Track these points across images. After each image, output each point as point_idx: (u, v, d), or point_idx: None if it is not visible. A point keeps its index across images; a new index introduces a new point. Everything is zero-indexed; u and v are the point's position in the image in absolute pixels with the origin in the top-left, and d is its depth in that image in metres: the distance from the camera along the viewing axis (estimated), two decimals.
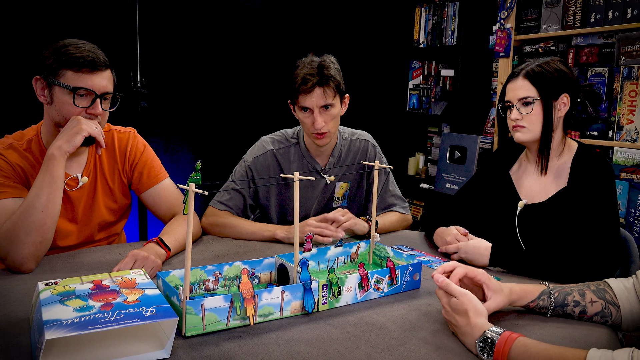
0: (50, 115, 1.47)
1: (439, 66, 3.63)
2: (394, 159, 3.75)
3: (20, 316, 1.06)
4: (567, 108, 1.58)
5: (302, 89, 1.66)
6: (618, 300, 1.14)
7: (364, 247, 1.48)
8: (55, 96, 1.43)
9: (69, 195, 1.53)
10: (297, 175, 1.15)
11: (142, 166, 1.65)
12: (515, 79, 1.59)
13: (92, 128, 1.41)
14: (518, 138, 1.60)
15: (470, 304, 1.02)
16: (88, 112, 1.44)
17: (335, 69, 1.70)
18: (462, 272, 1.13)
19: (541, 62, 1.58)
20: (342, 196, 1.92)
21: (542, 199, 1.58)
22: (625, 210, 2.43)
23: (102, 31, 2.74)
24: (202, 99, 3.18)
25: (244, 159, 1.85)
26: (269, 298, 1.09)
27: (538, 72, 1.56)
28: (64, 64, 1.41)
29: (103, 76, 1.44)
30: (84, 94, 1.43)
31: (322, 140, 1.74)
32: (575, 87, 1.58)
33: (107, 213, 1.62)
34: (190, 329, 1.01)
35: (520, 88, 1.57)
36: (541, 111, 1.55)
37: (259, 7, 3.28)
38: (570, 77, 1.58)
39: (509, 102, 1.60)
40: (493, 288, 1.10)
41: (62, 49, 1.42)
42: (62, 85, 1.40)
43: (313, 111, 1.69)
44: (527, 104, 1.56)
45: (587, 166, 1.54)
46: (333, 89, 1.68)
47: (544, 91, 1.55)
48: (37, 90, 1.46)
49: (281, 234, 1.65)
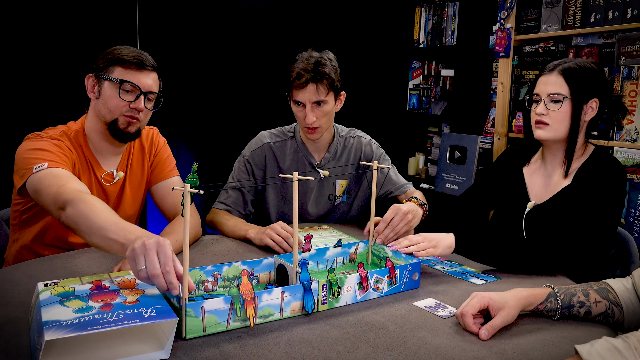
0: (96, 109, 1.56)
1: (439, 66, 3.63)
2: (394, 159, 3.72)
3: (20, 316, 1.06)
4: (595, 114, 1.54)
5: (295, 83, 1.70)
6: (620, 300, 1.14)
7: (363, 247, 1.48)
8: (103, 90, 1.53)
9: (105, 189, 1.62)
10: (297, 175, 1.15)
11: (158, 160, 1.74)
12: (549, 73, 1.55)
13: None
14: (539, 135, 1.56)
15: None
16: (131, 107, 1.52)
17: (332, 67, 1.72)
18: (475, 309, 1.11)
19: (579, 61, 1.54)
20: (342, 193, 1.94)
21: (548, 198, 1.58)
22: (625, 210, 2.43)
23: (102, 31, 2.75)
24: (202, 98, 3.18)
25: (243, 153, 1.89)
26: (269, 299, 1.09)
27: (574, 70, 1.51)
28: (115, 61, 1.52)
29: (149, 76, 1.55)
30: (130, 90, 1.52)
31: (313, 135, 1.77)
32: (607, 94, 1.54)
33: (130, 208, 1.70)
34: (190, 331, 1.01)
35: (553, 83, 1.52)
36: (569, 111, 1.51)
37: (259, 7, 3.28)
38: (604, 83, 1.54)
39: (537, 95, 1.56)
40: (496, 307, 1.09)
41: (115, 50, 1.55)
42: (111, 79, 1.51)
43: (306, 106, 1.71)
44: (556, 101, 1.52)
45: (596, 166, 1.52)
46: (327, 86, 1.70)
47: (576, 91, 1.50)
48: (88, 87, 1.57)
49: (252, 234, 1.63)
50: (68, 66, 2.67)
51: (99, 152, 1.61)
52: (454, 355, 0.99)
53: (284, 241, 1.51)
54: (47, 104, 2.65)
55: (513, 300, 1.11)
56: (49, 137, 1.51)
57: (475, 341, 1.04)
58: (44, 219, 1.56)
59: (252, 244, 1.63)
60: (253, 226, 1.68)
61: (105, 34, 2.74)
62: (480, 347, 1.02)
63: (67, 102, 2.54)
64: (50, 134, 1.52)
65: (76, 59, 2.67)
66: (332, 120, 1.82)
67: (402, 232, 1.49)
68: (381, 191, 1.94)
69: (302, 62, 1.71)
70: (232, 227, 1.72)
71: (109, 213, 1.22)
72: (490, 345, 1.03)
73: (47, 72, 2.66)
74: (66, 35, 2.68)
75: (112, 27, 2.79)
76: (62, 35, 2.68)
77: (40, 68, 2.64)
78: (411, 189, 1.94)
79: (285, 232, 1.53)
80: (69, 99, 2.50)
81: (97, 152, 1.61)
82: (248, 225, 1.70)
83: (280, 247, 1.52)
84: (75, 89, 2.12)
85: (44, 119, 1.91)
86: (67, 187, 1.31)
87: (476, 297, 1.10)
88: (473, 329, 1.07)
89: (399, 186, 1.94)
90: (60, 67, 2.67)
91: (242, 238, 1.67)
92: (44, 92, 2.66)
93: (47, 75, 2.66)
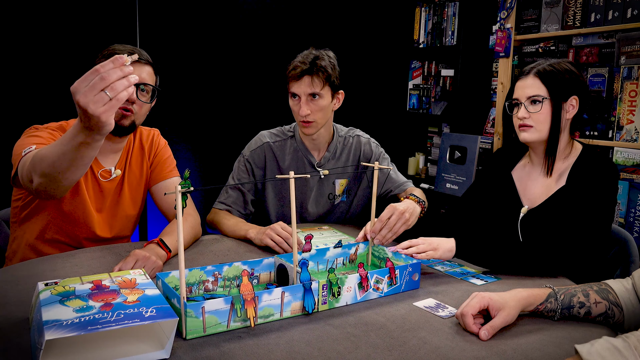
0: None
1: (439, 66, 3.63)
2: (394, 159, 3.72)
3: (20, 316, 1.06)
4: (576, 111, 1.56)
5: (291, 74, 1.73)
6: (620, 300, 1.14)
7: (363, 248, 1.48)
8: None
9: (101, 185, 1.62)
10: (293, 173, 1.16)
11: (158, 160, 1.74)
12: (525, 77, 1.57)
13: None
14: (524, 138, 1.58)
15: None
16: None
17: (330, 63, 1.74)
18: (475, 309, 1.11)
19: (553, 62, 1.56)
20: (342, 192, 1.94)
21: (543, 201, 1.58)
22: (625, 210, 2.43)
23: (102, 31, 2.74)
24: (201, 98, 3.17)
25: (242, 153, 1.90)
26: (269, 299, 1.09)
27: (549, 71, 1.53)
28: (108, 57, 1.50)
29: (142, 69, 1.55)
30: None
31: (308, 129, 1.77)
32: (585, 91, 1.56)
33: (130, 208, 1.70)
34: (190, 331, 1.01)
35: (530, 86, 1.54)
36: (550, 111, 1.53)
37: (258, 7, 3.28)
38: (580, 80, 1.56)
39: (517, 99, 1.58)
40: (496, 307, 1.09)
41: (110, 47, 1.56)
42: None
43: (301, 98, 1.72)
44: (535, 102, 1.54)
45: (588, 166, 1.53)
46: (322, 79, 1.71)
47: (554, 91, 1.53)
48: None
49: (252, 234, 1.64)
50: (68, 66, 2.66)
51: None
52: (454, 355, 0.99)
53: (284, 241, 1.51)
54: (47, 103, 2.65)
55: (513, 300, 1.11)
56: (45, 127, 1.53)
57: (476, 341, 1.05)
58: (44, 213, 1.57)
59: (253, 243, 1.63)
60: (253, 226, 1.68)
61: (105, 33, 2.74)
62: (480, 348, 1.02)
63: (67, 102, 2.54)
64: (46, 126, 1.54)
65: (76, 59, 2.67)
66: (328, 117, 1.81)
67: (400, 232, 1.49)
68: (381, 190, 1.94)
69: (301, 57, 1.75)
70: (232, 227, 1.72)
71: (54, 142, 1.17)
72: (490, 345, 1.03)
73: (47, 72, 2.66)
74: (66, 35, 2.68)
75: (112, 27, 2.79)
76: (62, 35, 2.68)
77: (40, 68, 2.64)
78: (411, 187, 1.94)
79: (285, 233, 1.53)
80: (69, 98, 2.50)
81: None
82: (248, 225, 1.70)
83: (281, 247, 1.52)
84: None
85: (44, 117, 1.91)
86: (33, 153, 1.26)
87: (476, 297, 1.10)
88: (473, 329, 1.07)
89: (398, 184, 1.94)
90: (60, 67, 2.67)
91: (243, 238, 1.67)
92: (44, 91, 2.66)
93: (47, 74, 2.66)
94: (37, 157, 1.20)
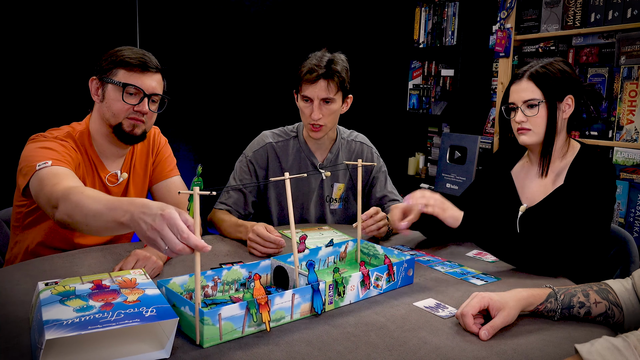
0: (100, 112, 1.55)
1: (439, 66, 3.63)
2: (394, 159, 3.75)
3: (20, 316, 1.06)
4: (572, 110, 1.56)
5: (306, 77, 1.70)
6: (620, 301, 1.14)
7: (352, 245, 1.48)
8: (107, 94, 1.51)
9: (110, 191, 1.62)
10: (288, 174, 1.16)
11: (159, 159, 1.73)
12: (519, 80, 1.57)
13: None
14: (523, 141, 1.58)
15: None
16: (135, 109, 1.51)
17: (343, 67, 1.74)
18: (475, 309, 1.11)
19: (545, 63, 1.56)
20: (339, 197, 1.93)
21: (541, 199, 1.58)
22: (625, 210, 2.43)
23: (103, 31, 2.75)
24: (202, 98, 3.18)
25: (245, 153, 1.89)
26: (281, 302, 1.08)
27: (542, 74, 1.53)
28: (118, 64, 1.50)
29: (153, 78, 1.53)
30: (134, 93, 1.51)
31: (317, 133, 1.77)
32: (579, 88, 1.57)
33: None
34: (207, 339, 0.98)
35: (525, 90, 1.54)
36: (547, 113, 1.53)
37: (259, 8, 3.28)
38: (573, 78, 1.56)
39: (513, 104, 1.58)
40: (496, 307, 1.09)
41: (118, 52, 1.53)
42: (114, 82, 1.49)
43: (313, 102, 1.71)
44: (532, 106, 1.54)
45: (586, 165, 1.54)
46: (337, 84, 1.70)
47: (549, 93, 1.53)
48: (92, 90, 1.55)
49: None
50: (68, 66, 2.67)
51: (103, 154, 1.60)
52: (454, 355, 0.99)
53: (260, 246, 1.50)
54: (48, 104, 2.65)
55: (513, 300, 1.11)
56: (54, 138, 1.49)
57: (476, 341, 1.05)
58: (49, 221, 1.53)
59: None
60: (252, 225, 1.67)
61: (106, 34, 2.74)
62: (480, 348, 1.02)
63: (68, 103, 2.54)
64: (55, 135, 1.51)
65: (76, 60, 2.67)
66: (336, 121, 1.82)
67: (382, 231, 1.64)
68: (378, 194, 1.94)
69: (315, 59, 1.72)
70: (230, 228, 1.71)
71: (99, 195, 1.16)
72: (490, 345, 1.03)
73: (48, 72, 2.66)
74: (66, 35, 2.68)
75: (113, 28, 2.79)
76: (62, 36, 2.68)
77: (41, 68, 2.64)
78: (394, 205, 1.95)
79: (266, 234, 1.49)
80: (70, 100, 2.51)
81: (101, 154, 1.60)
82: (246, 227, 1.69)
83: (258, 251, 1.50)
84: (76, 89, 2.12)
85: (45, 119, 1.91)
86: (60, 185, 1.27)
87: (476, 297, 1.10)
88: (473, 329, 1.07)
89: (391, 198, 1.95)
90: (61, 67, 2.67)
91: (241, 239, 1.67)
92: (45, 93, 2.66)
93: (48, 75, 2.66)
94: (73, 199, 1.17)
